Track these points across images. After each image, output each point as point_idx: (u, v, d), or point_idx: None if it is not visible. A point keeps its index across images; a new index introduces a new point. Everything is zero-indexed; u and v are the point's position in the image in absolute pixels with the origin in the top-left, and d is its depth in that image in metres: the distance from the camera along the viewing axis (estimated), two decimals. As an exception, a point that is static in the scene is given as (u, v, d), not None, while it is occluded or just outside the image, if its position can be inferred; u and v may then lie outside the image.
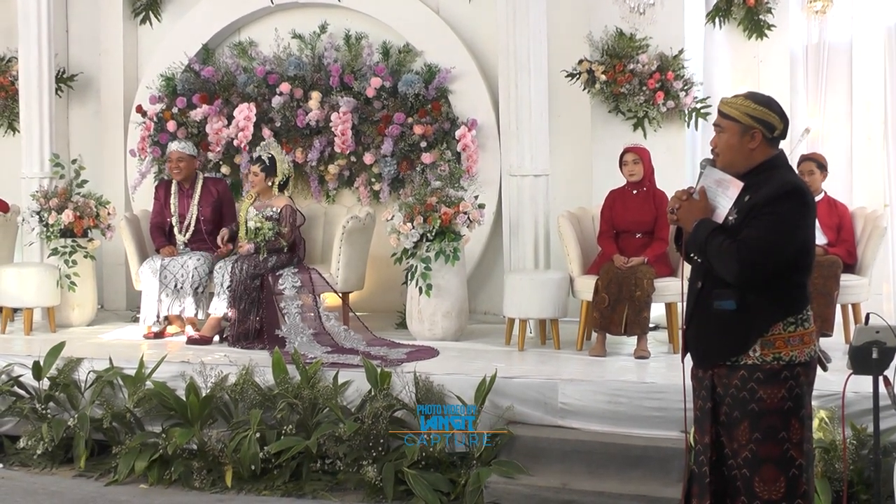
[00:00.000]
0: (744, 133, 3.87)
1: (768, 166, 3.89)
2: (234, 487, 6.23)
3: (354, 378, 6.52)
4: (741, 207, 3.81)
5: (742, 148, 3.88)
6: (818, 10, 8.52)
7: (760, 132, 3.87)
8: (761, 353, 3.78)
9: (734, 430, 3.84)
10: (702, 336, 3.95)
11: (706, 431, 3.94)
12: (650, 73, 8.28)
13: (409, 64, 9.08)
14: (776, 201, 3.75)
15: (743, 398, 3.80)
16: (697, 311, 3.94)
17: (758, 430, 3.79)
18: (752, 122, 3.86)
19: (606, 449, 5.91)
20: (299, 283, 7.84)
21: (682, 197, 3.98)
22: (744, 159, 3.89)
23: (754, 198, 3.79)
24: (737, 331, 3.82)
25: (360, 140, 8.95)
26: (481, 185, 8.34)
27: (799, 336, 3.82)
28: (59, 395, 6.89)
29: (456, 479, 5.96)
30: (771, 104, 3.92)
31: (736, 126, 3.88)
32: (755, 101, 3.92)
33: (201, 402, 6.48)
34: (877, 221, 7.34)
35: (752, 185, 3.84)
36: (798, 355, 3.81)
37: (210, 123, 9.17)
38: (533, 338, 7.69)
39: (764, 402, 3.78)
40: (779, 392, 3.79)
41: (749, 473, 3.81)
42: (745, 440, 3.81)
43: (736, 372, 3.82)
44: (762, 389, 3.78)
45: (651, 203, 7.36)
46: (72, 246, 8.33)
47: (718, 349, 3.87)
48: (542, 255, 7.87)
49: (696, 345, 3.99)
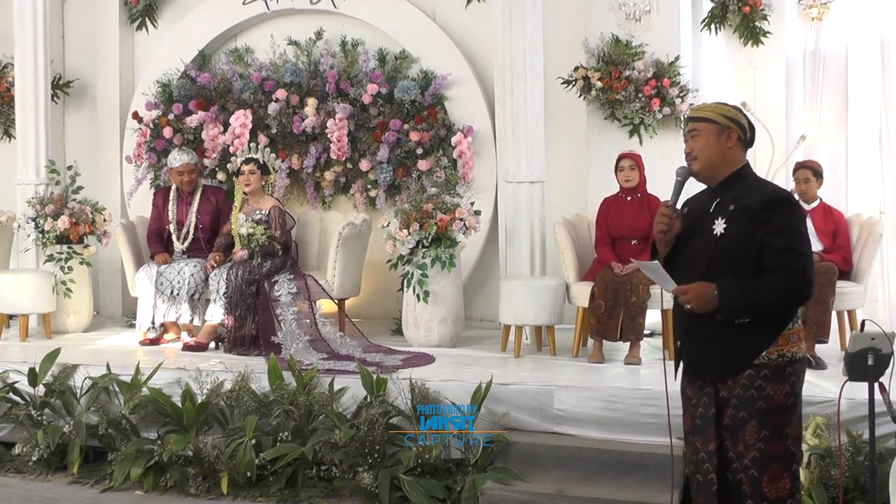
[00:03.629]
0: (720, 132, 3.94)
1: (743, 173, 3.97)
2: (230, 494, 6.22)
3: (350, 384, 6.52)
4: (728, 215, 3.84)
5: (720, 147, 3.94)
6: (814, 18, 8.55)
7: (736, 132, 3.95)
8: (766, 352, 3.81)
9: (740, 432, 3.84)
10: (702, 351, 3.94)
11: (710, 438, 3.92)
12: (646, 79, 8.30)
13: (405, 70, 9.08)
14: (774, 208, 3.78)
15: (751, 397, 3.81)
16: (695, 327, 3.93)
17: (766, 427, 3.81)
18: (727, 121, 3.94)
19: (602, 455, 5.91)
20: (295, 289, 7.83)
21: (664, 213, 3.98)
22: (722, 158, 3.94)
23: (741, 205, 3.82)
24: (743, 344, 3.83)
25: (356, 146, 8.95)
26: (477, 192, 8.35)
27: (797, 333, 3.88)
28: (54, 401, 6.88)
29: (452, 486, 5.95)
30: (740, 110, 4.03)
31: (712, 126, 3.94)
32: (726, 104, 4.04)
33: (197, 409, 6.47)
34: (872, 228, 7.35)
35: (731, 191, 3.89)
36: (797, 351, 3.87)
37: (206, 130, 9.16)
38: (529, 344, 7.69)
39: (771, 399, 3.80)
40: (783, 388, 3.82)
41: (757, 474, 3.82)
42: (752, 440, 3.82)
43: (741, 373, 3.83)
44: (769, 386, 3.80)
45: (646, 209, 7.37)
46: (68, 252, 8.33)
47: (725, 363, 3.87)
48: (538, 262, 7.87)
49: (696, 360, 3.98)
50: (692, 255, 3.95)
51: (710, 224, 3.89)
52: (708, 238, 3.88)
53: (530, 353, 7.54)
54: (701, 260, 3.88)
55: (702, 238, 3.91)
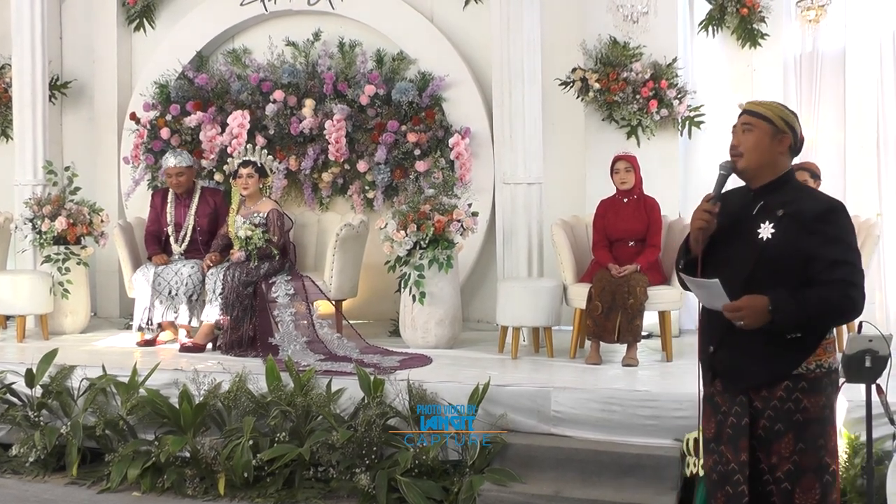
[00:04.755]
0: (774, 135, 3.75)
1: (787, 178, 3.79)
2: (227, 495, 6.22)
3: (348, 386, 6.51)
4: (776, 220, 3.67)
5: (771, 150, 3.76)
6: (811, 20, 8.55)
7: (790, 138, 3.78)
8: (805, 363, 3.68)
9: (775, 444, 3.70)
10: (741, 360, 3.75)
11: (743, 449, 3.74)
12: (644, 81, 8.30)
13: (402, 72, 9.09)
14: (828, 218, 3.64)
15: (788, 409, 3.67)
16: (732, 335, 3.73)
17: (802, 440, 3.67)
18: (784, 125, 3.76)
19: (599, 457, 5.90)
20: (292, 290, 7.83)
21: (706, 208, 3.79)
22: (770, 161, 3.76)
23: (792, 211, 3.66)
24: (783, 353, 3.68)
25: (353, 148, 8.95)
26: (475, 193, 8.35)
27: (832, 343, 3.76)
28: (51, 402, 6.87)
29: (449, 487, 5.95)
30: (796, 116, 3.84)
31: (769, 127, 3.76)
32: (786, 107, 3.85)
33: (194, 410, 6.46)
34: (870, 230, 7.35)
35: (777, 196, 3.73)
36: (833, 362, 3.75)
37: (204, 131, 9.16)
38: (526, 346, 7.69)
39: (808, 412, 3.67)
40: (820, 400, 3.70)
41: (790, 486, 3.69)
42: (787, 453, 3.68)
43: (779, 384, 3.69)
44: (806, 399, 3.67)
45: (643, 211, 7.37)
46: (65, 253, 8.32)
47: (764, 373, 3.72)
48: (536, 263, 7.87)
49: (734, 368, 3.79)
50: (732, 259, 3.77)
51: (754, 227, 3.71)
52: (752, 242, 3.71)
53: (527, 354, 7.53)
54: (743, 265, 3.70)
55: (744, 241, 3.73)
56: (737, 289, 3.65)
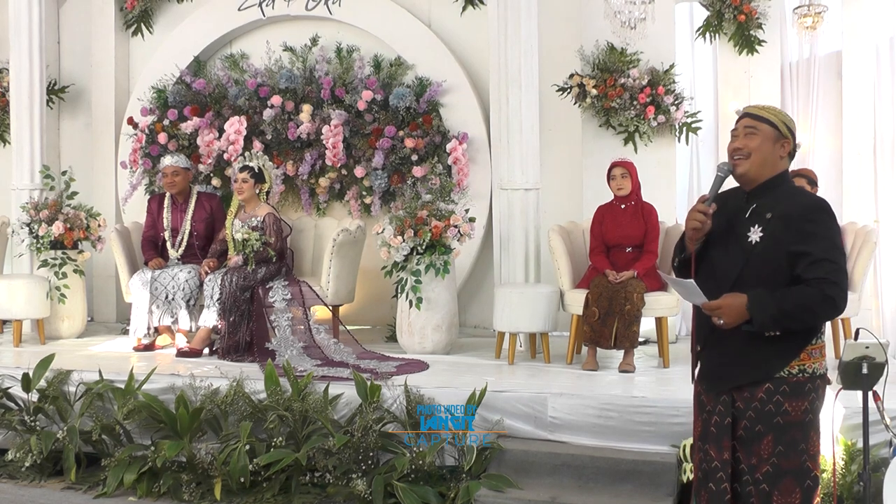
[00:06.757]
0: (777, 139, 3.80)
1: (780, 180, 3.82)
2: (224, 500, 6.20)
3: (345, 391, 6.51)
4: (765, 223, 3.70)
5: (773, 153, 3.80)
6: (808, 26, 8.57)
7: (790, 144, 3.83)
8: (788, 366, 3.70)
9: (755, 445, 3.75)
10: (722, 360, 3.81)
11: (725, 448, 3.81)
12: (641, 87, 8.31)
13: (400, 77, 9.10)
14: (812, 216, 3.67)
15: (768, 412, 3.71)
16: (717, 334, 3.78)
17: (781, 443, 3.70)
18: (786, 130, 3.81)
19: (596, 463, 5.90)
20: (289, 295, 7.83)
21: (700, 209, 3.81)
22: (771, 166, 3.80)
23: (779, 213, 3.69)
24: (765, 356, 3.71)
25: (351, 153, 8.96)
26: (472, 199, 8.36)
27: (819, 348, 3.77)
28: (48, 407, 6.86)
29: (445, 493, 5.94)
30: (793, 123, 3.89)
31: (773, 131, 3.81)
32: (785, 113, 3.89)
33: (191, 415, 6.45)
34: (867, 237, 7.35)
35: (767, 198, 3.76)
36: (818, 367, 3.75)
37: (201, 136, 9.17)
38: (523, 351, 7.69)
39: (789, 416, 3.70)
40: (802, 405, 3.71)
41: (768, 488, 3.73)
42: (766, 454, 3.72)
43: (760, 386, 3.72)
44: (788, 402, 3.70)
45: (640, 217, 7.37)
46: (62, 258, 8.33)
47: (744, 374, 3.76)
48: (533, 269, 7.87)
49: (715, 368, 3.86)
50: (722, 261, 3.81)
51: (744, 230, 3.75)
52: (741, 245, 3.74)
53: (524, 360, 7.54)
54: (732, 267, 3.75)
55: (734, 244, 3.77)
56: (727, 290, 3.70)
